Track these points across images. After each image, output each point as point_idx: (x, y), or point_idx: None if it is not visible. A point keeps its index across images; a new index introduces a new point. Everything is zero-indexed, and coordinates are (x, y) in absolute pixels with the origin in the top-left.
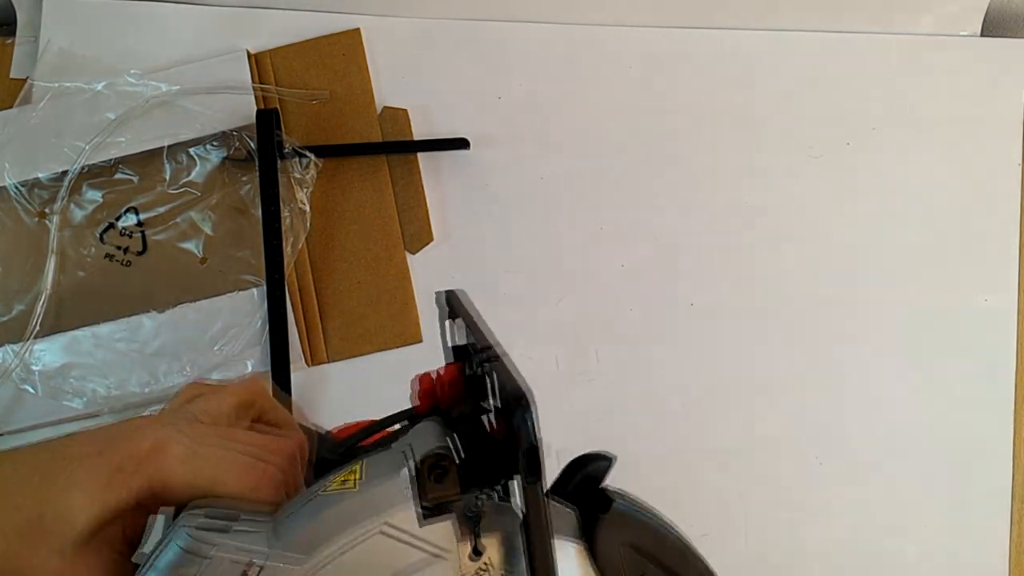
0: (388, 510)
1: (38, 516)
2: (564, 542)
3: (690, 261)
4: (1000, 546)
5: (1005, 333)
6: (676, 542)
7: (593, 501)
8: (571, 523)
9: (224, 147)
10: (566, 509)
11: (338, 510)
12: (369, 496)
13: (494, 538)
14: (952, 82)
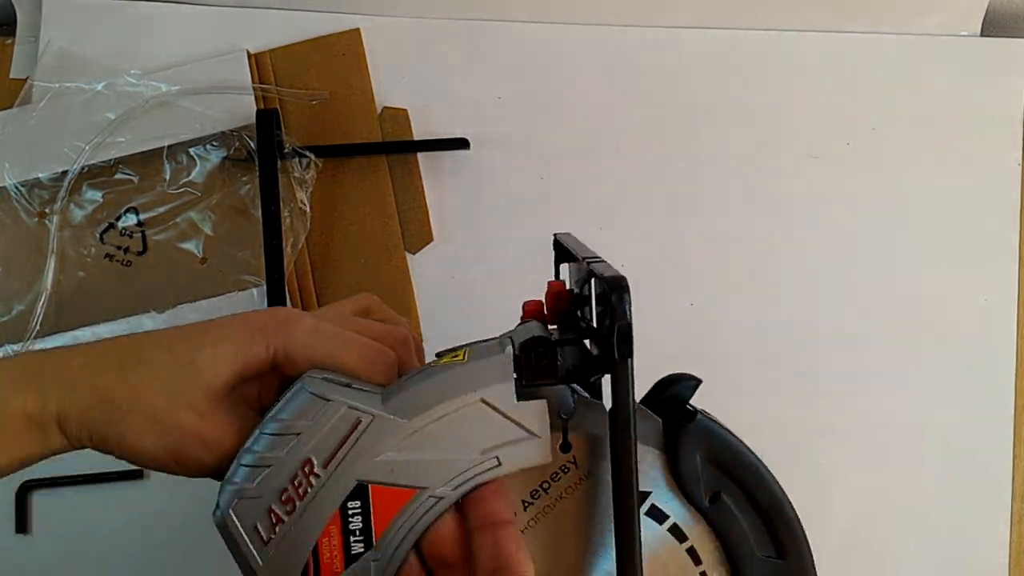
0: (488, 384)
1: (188, 363)
2: (646, 448)
3: (690, 261)
4: (1000, 545)
5: (1005, 333)
6: (752, 462)
7: (678, 414)
8: (656, 432)
9: (224, 147)
10: (653, 418)
11: (442, 380)
12: (471, 370)
13: (582, 437)
14: (952, 82)
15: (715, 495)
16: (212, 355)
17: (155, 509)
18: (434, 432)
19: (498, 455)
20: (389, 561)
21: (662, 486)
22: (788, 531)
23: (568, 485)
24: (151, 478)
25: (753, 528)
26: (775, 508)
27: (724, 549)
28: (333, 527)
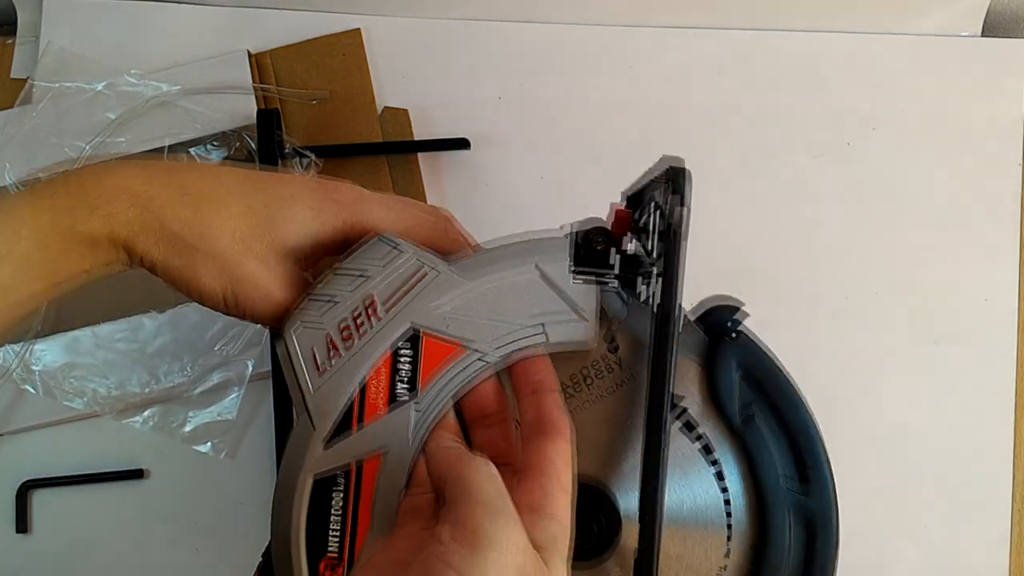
0: (545, 256)
1: (266, 218)
2: (688, 362)
3: (689, 261)
4: (1000, 546)
5: (1005, 333)
6: (789, 389)
7: (723, 330)
8: (699, 347)
9: (224, 147)
10: (698, 333)
11: (504, 249)
12: (533, 244)
13: (629, 339)
14: (953, 82)
15: (748, 417)
16: (290, 216)
17: (155, 509)
18: (489, 295)
19: (545, 326)
20: (427, 410)
21: (698, 402)
22: (815, 465)
23: (611, 384)
24: (151, 478)
25: (781, 456)
26: (805, 439)
27: (750, 473)
28: (383, 367)
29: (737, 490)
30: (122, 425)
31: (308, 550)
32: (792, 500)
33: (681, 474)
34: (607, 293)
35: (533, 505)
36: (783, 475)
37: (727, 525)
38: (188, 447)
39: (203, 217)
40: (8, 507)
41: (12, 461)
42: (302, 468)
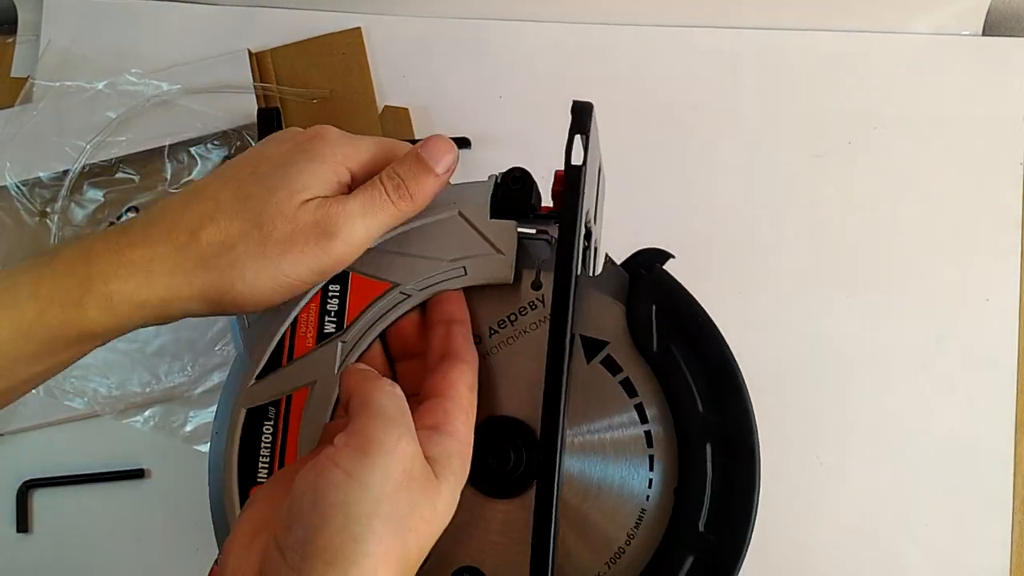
0: (465, 200)
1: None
2: (610, 301)
3: (690, 261)
4: (1001, 546)
5: (1005, 333)
6: (705, 320)
7: (642, 267)
8: (621, 288)
9: (225, 146)
10: (620, 273)
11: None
12: (457, 188)
13: (551, 278)
14: (954, 82)
15: (665, 347)
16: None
17: (155, 509)
18: (414, 236)
19: (465, 265)
20: (355, 345)
21: (621, 340)
22: (731, 390)
23: (535, 320)
24: (151, 478)
25: (699, 385)
26: (722, 368)
27: (669, 406)
28: (313, 304)
29: (658, 424)
30: (122, 425)
31: (240, 478)
32: (711, 429)
33: (601, 407)
34: (536, 241)
35: (433, 424)
36: (702, 403)
37: (648, 457)
38: (189, 447)
39: (223, 276)
40: (8, 507)
41: (12, 461)
42: (236, 401)
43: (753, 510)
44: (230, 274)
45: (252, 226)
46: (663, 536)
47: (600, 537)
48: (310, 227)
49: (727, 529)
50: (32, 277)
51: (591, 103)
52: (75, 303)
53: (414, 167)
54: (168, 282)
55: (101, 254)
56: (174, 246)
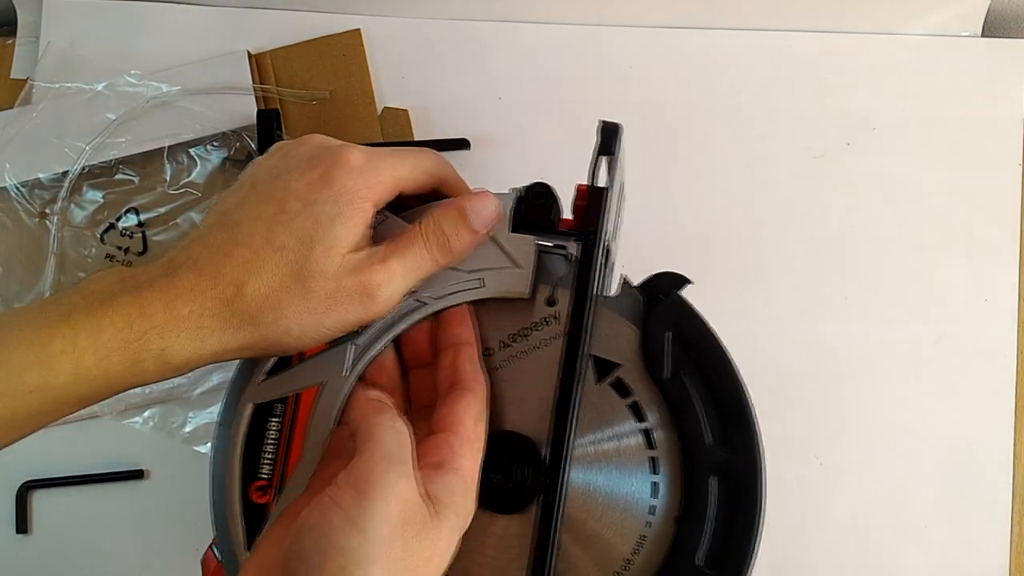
0: None
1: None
2: (624, 323)
3: (690, 261)
4: (1000, 546)
5: (1005, 333)
6: (719, 351)
7: (660, 292)
8: (636, 310)
9: (225, 147)
10: (635, 295)
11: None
12: None
13: (568, 294)
14: (953, 82)
15: (676, 375)
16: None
17: (155, 509)
18: None
19: (483, 277)
20: (366, 349)
21: (632, 363)
22: (742, 427)
23: (547, 337)
24: (151, 478)
25: (709, 417)
26: (734, 400)
27: (678, 435)
28: None
29: (664, 450)
30: (122, 425)
31: (242, 473)
32: (718, 461)
33: (608, 429)
34: (553, 256)
35: (438, 460)
36: (710, 436)
37: (652, 483)
38: (188, 447)
39: (258, 329)
40: (8, 507)
41: (12, 461)
42: (244, 395)
43: (752, 553)
44: (276, 329)
45: (293, 281)
46: (661, 565)
47: (604, 551)
48: (353, 288)
49: (725, 567)
50: (91, 325)
51: (619, 124)
52: (132, 358)
53: (458, 224)
54: (219, 338)
55: (155, 308)
56: (221, 300)
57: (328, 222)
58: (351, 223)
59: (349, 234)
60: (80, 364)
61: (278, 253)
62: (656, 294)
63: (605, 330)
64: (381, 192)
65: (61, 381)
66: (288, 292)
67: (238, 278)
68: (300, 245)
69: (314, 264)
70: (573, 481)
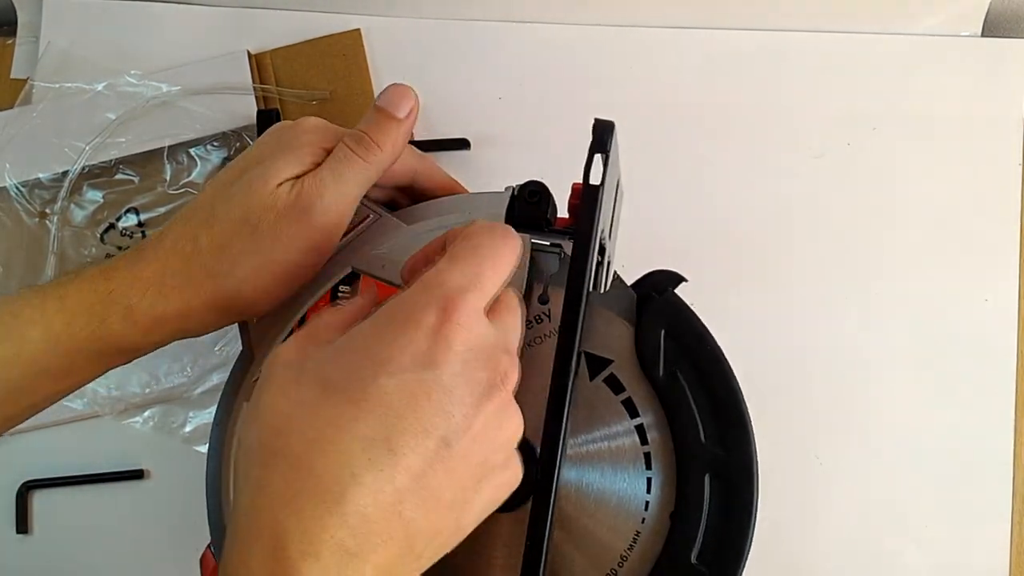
0: (481, 210)
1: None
2: (617, 320)
3: (689, 260)
4: (1001, 546)
5: (1005, 333)
6: (714, 349)
7: (654, 289)
8: (629, 306)
9: (225, 147)
10: (628, 292)
11: (447, 201)
12: (473, 197)
13: (561, 292)
14: (953, 82)
15: (671, 373)
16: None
17: (155, 509)
18: (425, 239)
19: None
20: None
21: (625, 359)
22: (736, 424)
23: (540, 334)
24: (151, 478)
25: (703, 414)
26: (728, 398)
27: (671, 432)
28: (322, 303)
29: (657, 446)
30: (122, 425)
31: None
32: (712, 458)
33: (602, 425)
34: (547, 254)
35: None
36: (705, 433)
37: (647, 479)
38: (188, 447)
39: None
40: (8, 507)
41: (12, 461)
42: (239, 395)
43: (745, 551)
44: (232, 278)
45: (240, 223)
46: (655, 562)
47: (598, 548)
48: (289, 207)
49: (719, 564)
50: (58, 292)
51: (612, 122)
52: (99, 316)
53: (374, 117)
54: (180, 295)
55: (119, 271)
56: (181, 257)
57: (271, 162)
58: (292, 159)
59: (287, 166)
60: (49, 331)
61: (228, 203)
62: (650, 292)
63: (598, 327)
64: (325, 136)
65: (32, 351)
66: (238, 235)
67: (194, 233)
68: (244, 186)
69: (255, 199)
70: (566, 478)
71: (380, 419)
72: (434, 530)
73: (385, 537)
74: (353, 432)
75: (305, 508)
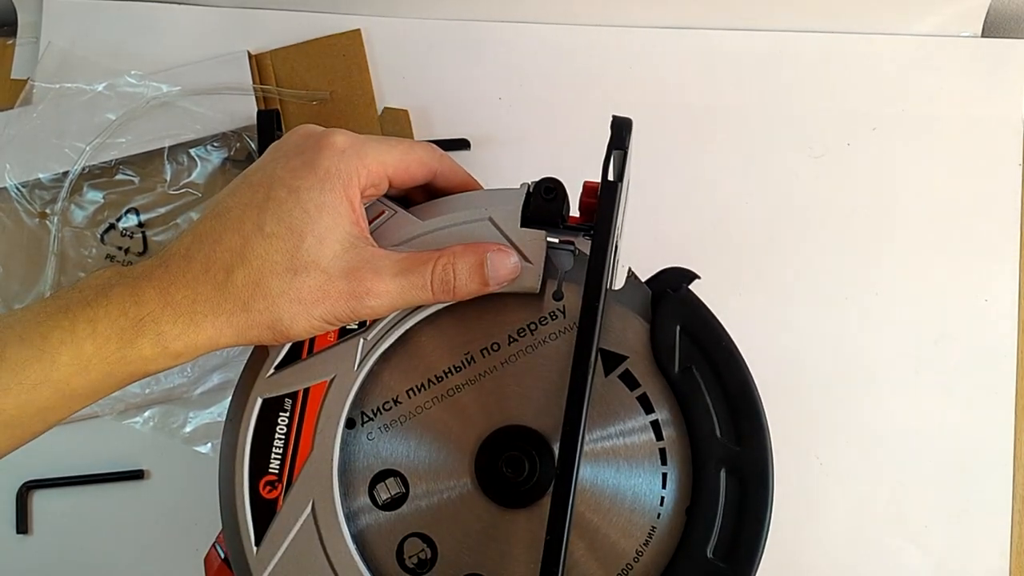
0: (496, 207)
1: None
2: (632, 316)
3: (689, 260)
4: (1000, 546)
5: (1005, 333)
6: (729, 346)
7: (669, 286)
8: (644, 303)
9: (225, 148)
10: (643, 288)
11: (461, 197)
12: (488, 194)
13: (575, 289)
14: (953, 82)
15: (685, 368)
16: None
17: (155, 509)
18: (442, 237)
19: None
20: (377, 343)
21: (640, 355)
22: (752, 419)
23: (554, 331)
24: (151, 478)
25: (718, 410)
26: (743, 394)
27: (686, 428)
28: None
29: (673, 443)
30: (122, 425)
31: (251, 469)
32: (727, 454)
33: (617, 421)
34: (560, 251)
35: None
36: (720, 430)
37: (662, 474)
38: (188, 448)
39: (255, 307)
40: (8, 508)
41: (12, 461)
42: (252, 390)
43: (761, 545)
44: (268, 316)
45: (284, 270)
46: (671, 558)
47: (610, 550)
48: (343, 290)
49: (734, 559)
50: (87, 315)
51: (630, 119)
52: (130, 342)
53: (473, 272)
54: (213, 323)
55: (149, 295)
56: (213, 285)
57: (316, 211)
58: (339, 211)
59: (338, 224)
60: (79, 355)
61: (267, 240)
62: (664, 288)
63: (612, 323)
64: (367, 177)
65: (62, 374)
66: (278, 280)
67: (228, 263)
68: (290, 233)
69: (305, 255)
70: (581, 476)
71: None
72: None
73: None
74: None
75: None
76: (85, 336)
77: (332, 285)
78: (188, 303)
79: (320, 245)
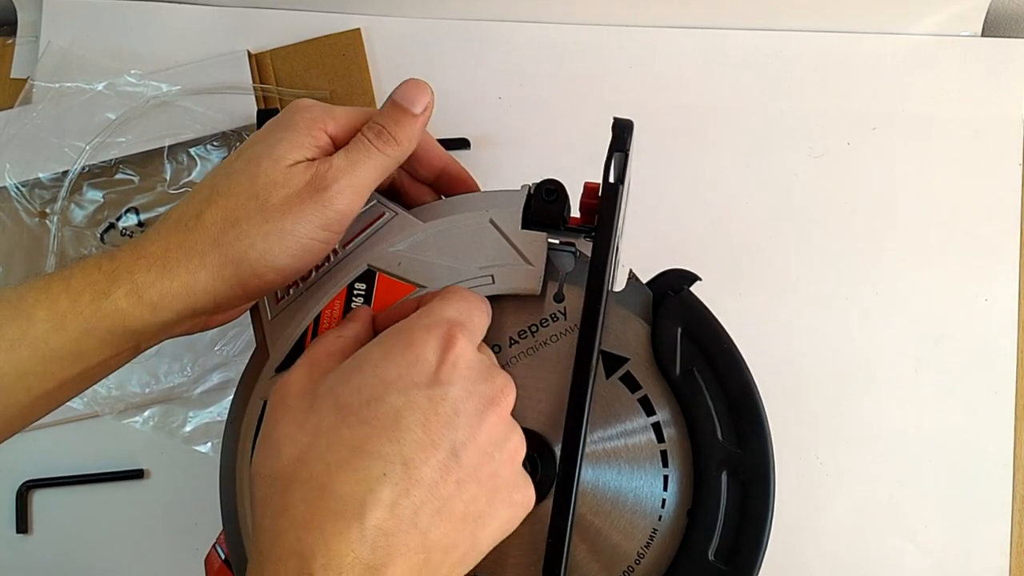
0: (497, 208)
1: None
2: (633, 318)
3: (689, 261)
4: (1000, 547)
5: (1005, 333)
6: (730, 348)
7: (670, 288)
8: (645, 305)
9: (225, 147)
10: (644, 290)
11: (462, 198)
12: (489, 195)
13: (576, 291)
14: (953, 82)
15: (687, 371)
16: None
17: (155, 509)
18: (443, 239)
19: (493, 274)
20: None
21: (641, 357)
22: (753, 422)
23: (555, 332)
24: (151, 478)
25: (719, 412)
26: (744, 396)
27: (688, 430)
28: (337, 302)
29: (675, 445)
30: (122, 425)
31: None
32: (729, 456)
33: (618, 423)
34: (561, 252)
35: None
36: (721, 432)
37: (663, 476)
38: (188, 447)
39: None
40: (8, 507)
41: (12, 461)
42: (253, 391)
43: (763, 547)
44: (239, 246)
45: (247, 198)
46: (672, 560)
47: (611, 552)
48: (303, 186)
49: (736, 561)
50: (63, 275)
51: (631, 121)
52: (103, 292)
53: (392, 111)
54: (186, 267)
55: (123, 251)
56: (183, 231)
57: (275, 141)
58: (296, 139)
59: (294, 147)
60: (55, 311)
61: (231, 178)
62: (665, 290)
63: (613, 325)
64: (333, 125)
65: (39, 330)
66: (244, 209)
67: (198, 210)
68: (250, 165)
69: (264, 176)
70: (583, 478)
71: (392, 436)
72: (450, 543)
73: (403, 550)
74: (368, 451)
75: (327, 527)
76: (59, 291)
77: (293, 191)
78: (161, 252)
79: (276, 165)
